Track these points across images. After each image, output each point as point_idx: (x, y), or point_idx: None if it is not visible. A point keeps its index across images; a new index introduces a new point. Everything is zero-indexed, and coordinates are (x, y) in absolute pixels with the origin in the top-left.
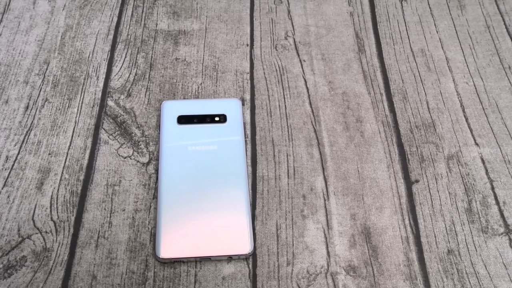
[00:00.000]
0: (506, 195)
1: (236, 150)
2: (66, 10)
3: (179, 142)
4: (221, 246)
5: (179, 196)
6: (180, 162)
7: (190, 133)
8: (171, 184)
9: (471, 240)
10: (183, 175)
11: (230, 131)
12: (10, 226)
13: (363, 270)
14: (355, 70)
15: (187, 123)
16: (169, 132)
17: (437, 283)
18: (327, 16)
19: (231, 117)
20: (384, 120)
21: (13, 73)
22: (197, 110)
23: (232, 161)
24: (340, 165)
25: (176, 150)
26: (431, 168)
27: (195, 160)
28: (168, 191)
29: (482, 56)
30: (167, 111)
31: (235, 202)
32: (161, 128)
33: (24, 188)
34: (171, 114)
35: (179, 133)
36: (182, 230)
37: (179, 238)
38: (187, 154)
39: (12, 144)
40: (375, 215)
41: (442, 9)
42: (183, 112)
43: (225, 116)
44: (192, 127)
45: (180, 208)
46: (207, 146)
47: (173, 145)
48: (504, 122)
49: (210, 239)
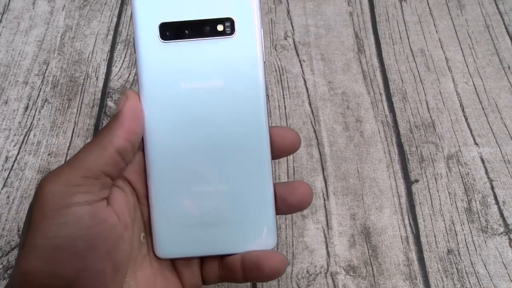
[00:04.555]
0: (506, 194)
1: (251, 82)
2: (66, 11)
3: (166, 77)
4: (236, 241)
5: (174, 169)
6: (170, 114)
7: (181, 57)
8: (161, 154)
9: (471, 239)
10: (176, 136)
11: (241, 49)
12: (10, 226)
13: (363, 270)
14: (355, 70)
15: (175, 37)
16: (150, 58)
17: (437, 283)
18: (326, 16)
19: (242, 21)
20: (384, 120)
21: (13, 73)
22: (188, 8)
23: (246, 107)
24: (340, 165)
25: (162, 93)
26: (430, 168)
27: (192, 109)
28: (158, 164)
29: (482, 56)
30: (142, 14)
31: (251, 175)
32: (136, 48)
33: (23, 189)
34: (149, 19)
35: (163, 59)
36: (183, 219)
37: (181, 231)
38: (179, 99)
39: (11, 144)
40: (374, 215)
41: (442, 9)
42: (167, 16)
43: (232, 22)
44: (183, 45)
45: (176, 186)
46: (206, 81)
47: (157, 84)
48: (504, 122)
49: (221, 230)
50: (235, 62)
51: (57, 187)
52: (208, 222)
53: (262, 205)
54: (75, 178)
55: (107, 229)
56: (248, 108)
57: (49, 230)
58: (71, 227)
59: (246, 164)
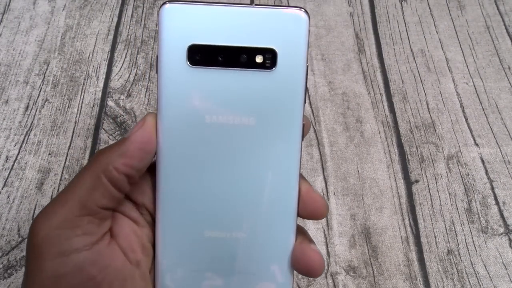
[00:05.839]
0: (506, 195)
1: (288, 127)
2: (66, 11)
3: (189, 106)
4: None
5: (187, 208)
6: (189, 149)
7: (209, 86)
8: (175, 191)
9: (471, 240)
10: (193, 173)
11: (280, 87)
12: (10, 226)
13: (363, 270)
14: (355, 70)
15: (205, 62)
16: (174, 82)
17: (437, 283)
18: (327, 16)
19: (286, 54)
20: (384, 121)
21: (13, 73)
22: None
23: (277, 153)
24: (340, 165)
25: (183, 123)
26: (431, 168)
27: (215, 146)
28: (170, 202)
29: (482, 57)
30: (171, 32)
31: (273, 229)
32: (159, 70)
33: (24, 188)
34: (178, 39)
35: (189, 86)
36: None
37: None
38: (201, 133)
39: (12, 144)
40: (375, 215)
41: (442, 9)
42: (198, 38)
43: (274, 54)
44: (213, 73)
45: (189, 226)
46: (234, 116)
47: (178, 113)
48: (504, 123)
49: (235, 279)
50: (271, 100)
51: (51, 231)
52: (219, 270)
53: (281, 259)
54: (70, 219)
55: (110, 275)
56: (279, 155)
57: (48, 284)
58: (72, 279)
59: (270, 212)
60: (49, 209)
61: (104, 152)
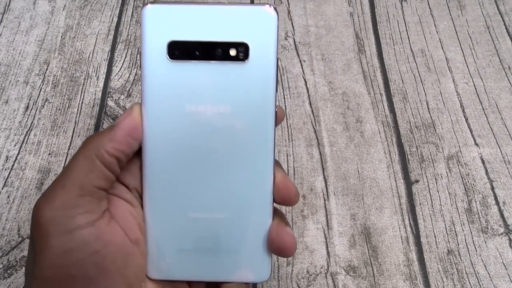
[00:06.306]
0: (506, 195)
1: (261, 115)
2: (66, 10)
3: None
4: (229, 270)
5: (171, 193)
6: (172, 136)
7: (188, 78)
8: (160, 176)
9: (471, 240)
10: (176, 159)
11: (253, 77)
12: (10, 226)
13: (363, 270)
14: (355, 70)
15: (184, 57)
16: (156, 76)
17: (437, 283)
18: (327, 16)
19: (258, 47)
20: (384, 121)
21: (13, 73)
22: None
23: (252, 138)
24: (340, 165)
25: (165, 113)
26: (431, 168)
27: (195, 133)
28: (156, 185)
29: (482, 57)
30: (152, 29)
31: (252, 207)
32: (142, 64)
33: (24, 188)
34: (159, 36)
35: (169, 79)
36: (177, 241)
37: (175, 254)
38: (182, 121)
39: (12, 144)
40: (375, 215)
41: (442, 9)
42: (177, 34)
43: (246, 47)
44: (192, 66)
45: (173, 210)
46: (212, 105)
47: (161, 104)
48: (504, 123)
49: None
50: (245, 89)
51: (55, 212)
52: (203, 248)
53: (259, 238)
54: (71, 199)
55: (113, 250)
56: (254, 140)
57: (57, 259)
58: (79, 253)
59: (248, 195)
60: (49, 193)
61: (94, 137)
